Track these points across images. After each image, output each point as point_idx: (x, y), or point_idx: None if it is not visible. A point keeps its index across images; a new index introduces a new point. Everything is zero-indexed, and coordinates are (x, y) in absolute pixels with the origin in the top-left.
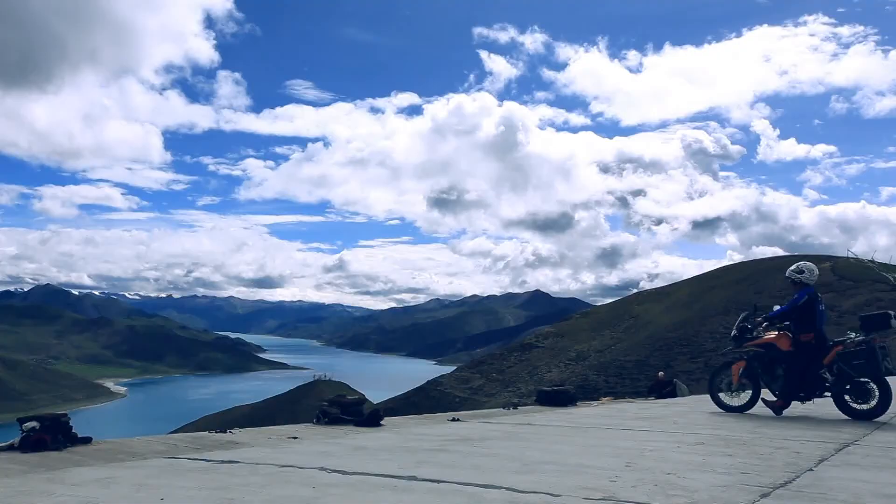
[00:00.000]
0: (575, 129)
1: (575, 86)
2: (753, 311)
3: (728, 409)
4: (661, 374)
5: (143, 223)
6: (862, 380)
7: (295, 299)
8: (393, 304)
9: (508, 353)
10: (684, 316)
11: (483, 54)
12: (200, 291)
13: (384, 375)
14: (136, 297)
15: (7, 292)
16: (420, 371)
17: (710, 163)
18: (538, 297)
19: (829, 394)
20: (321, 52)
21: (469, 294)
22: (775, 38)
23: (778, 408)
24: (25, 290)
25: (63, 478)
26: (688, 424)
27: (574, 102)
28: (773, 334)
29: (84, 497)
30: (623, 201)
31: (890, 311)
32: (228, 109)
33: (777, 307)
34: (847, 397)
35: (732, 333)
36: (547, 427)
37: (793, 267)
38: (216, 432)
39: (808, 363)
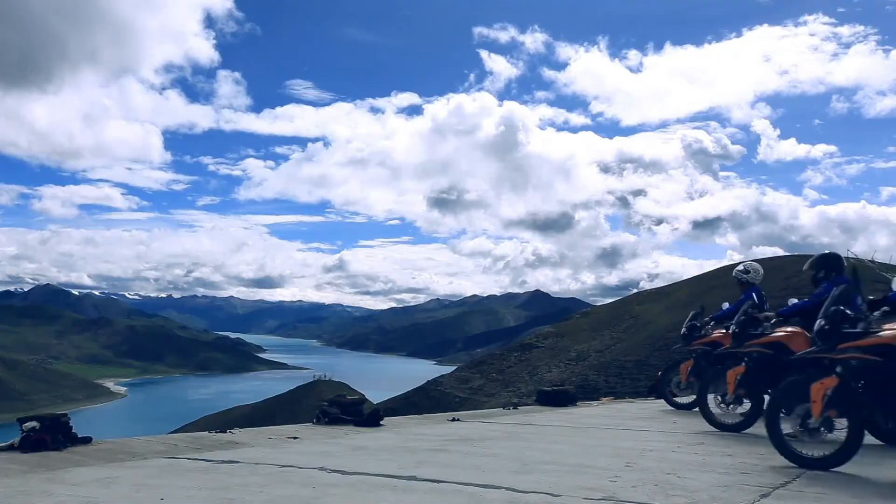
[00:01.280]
0: (575, 129)
1: (575, 85)
2: (701, 311)
3: (676, 406)
4: (661, 374)
5: (143, 223)
6: None
7: (295, 299)
8: (393, 304)
9: (508, 353)
10: (684, 316)
11: (483, 54)
12: (200, 291)
13: (384, 375)
14: (136, 297)
15: (7, 292)
16: (420, 371)
17: (711, 163)
18: (538, 297)
19: None
20: (321, 52)
21: (469, 294)
22: (775, 38)
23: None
24: (25, 290)
25: (63, 478)
26: (688, 424)
27: (574, 102)
28: (719, 333)
29: (84, 497)
30: (623, 201)
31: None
32: (228, 109)
33: (726, 306)
34: None
35: (682, 332)
36: (547, 427)
37: (739, 267)
38: (216, 432)
39: None
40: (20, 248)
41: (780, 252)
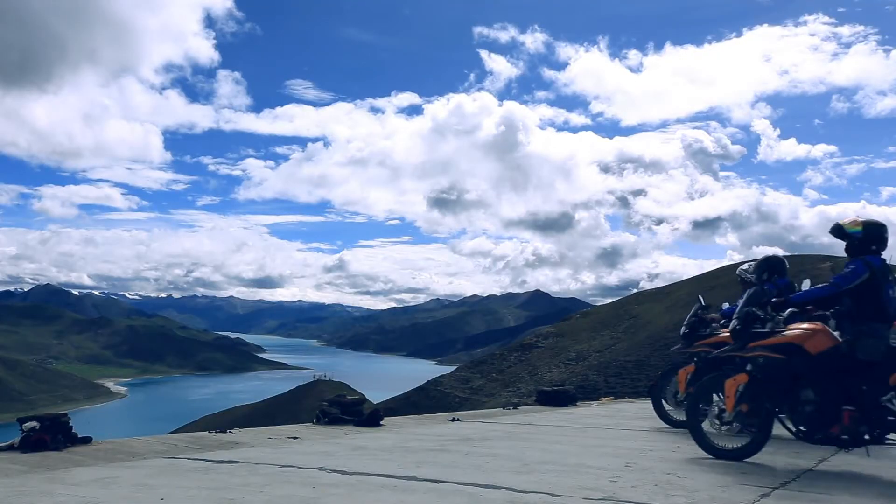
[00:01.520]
0: (575, 129)
1: (575, 85)
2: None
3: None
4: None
5: (143, 223)
6: None
7: (295, 299)
8: (393, 304)
9: (508, 353)
10: (684, 316)
11: (483, 54)
12: (200, 291)
13: (384, 375)
14: (136, 297)
15: (7, 292)
16: (420, 371)
17: (711, 163)
18: (538, 297)
19: None
20: (321, 52)
21: (469, 294)
22: (775, 38)
23: None
24: (25, 290)
25: (63, 478)
26: None
27: (574, 102)
28: (725, 332)
29: (84, 497)
30: (623, 201)
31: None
32: (228, 109)
33: (726, 306)
34: None
35: (682, 331)
36: (547, 427)
37: (744, 266)
38: (216, 432)
39: None
40: (20, 248)
41: (780, 252)
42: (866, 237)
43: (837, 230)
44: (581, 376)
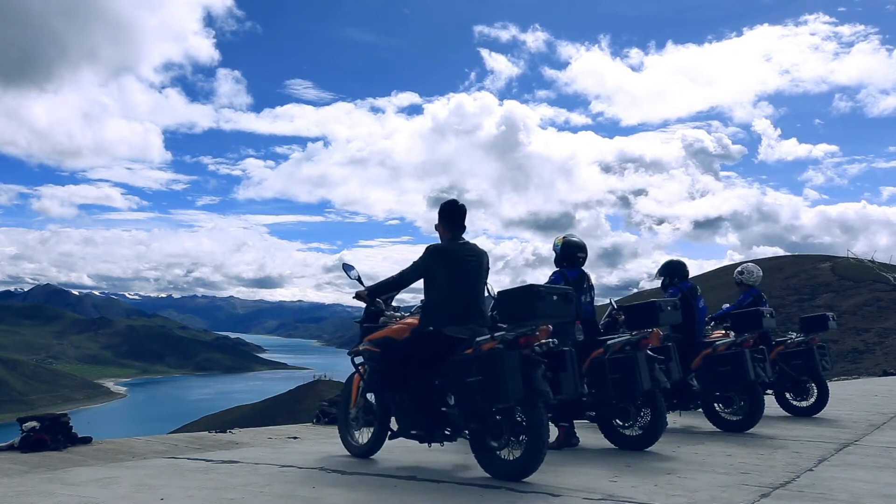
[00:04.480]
0: (576, 129)
1: (576, 85)
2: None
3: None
4: None
5: (143, 223)
6: (801, 378)
7: (295, 299)
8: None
9: None
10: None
11: (484, 52)
12: (200, 291)
13: None
14: (136, 297)
15: (7, 292)
16: None
17: (712, 162)
18: None
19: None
20: (321, 51)
21: None
22: (776, 38)
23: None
24: (25, 290)
25: (63, 478)
26: (687, 424)
27: (575, 102)
28: (718, 333)
29: (84, 497)
30: (624, 201)
31: (829, 314)
32: (228, 108)
33: (726, 306)
34: (788, 395)
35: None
36: None
37: (738, 269)
38: (216, 432)
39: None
40: (20, 248)
41: (780, 252)
42: (561, 253)
43: (554, 245)
44: None
